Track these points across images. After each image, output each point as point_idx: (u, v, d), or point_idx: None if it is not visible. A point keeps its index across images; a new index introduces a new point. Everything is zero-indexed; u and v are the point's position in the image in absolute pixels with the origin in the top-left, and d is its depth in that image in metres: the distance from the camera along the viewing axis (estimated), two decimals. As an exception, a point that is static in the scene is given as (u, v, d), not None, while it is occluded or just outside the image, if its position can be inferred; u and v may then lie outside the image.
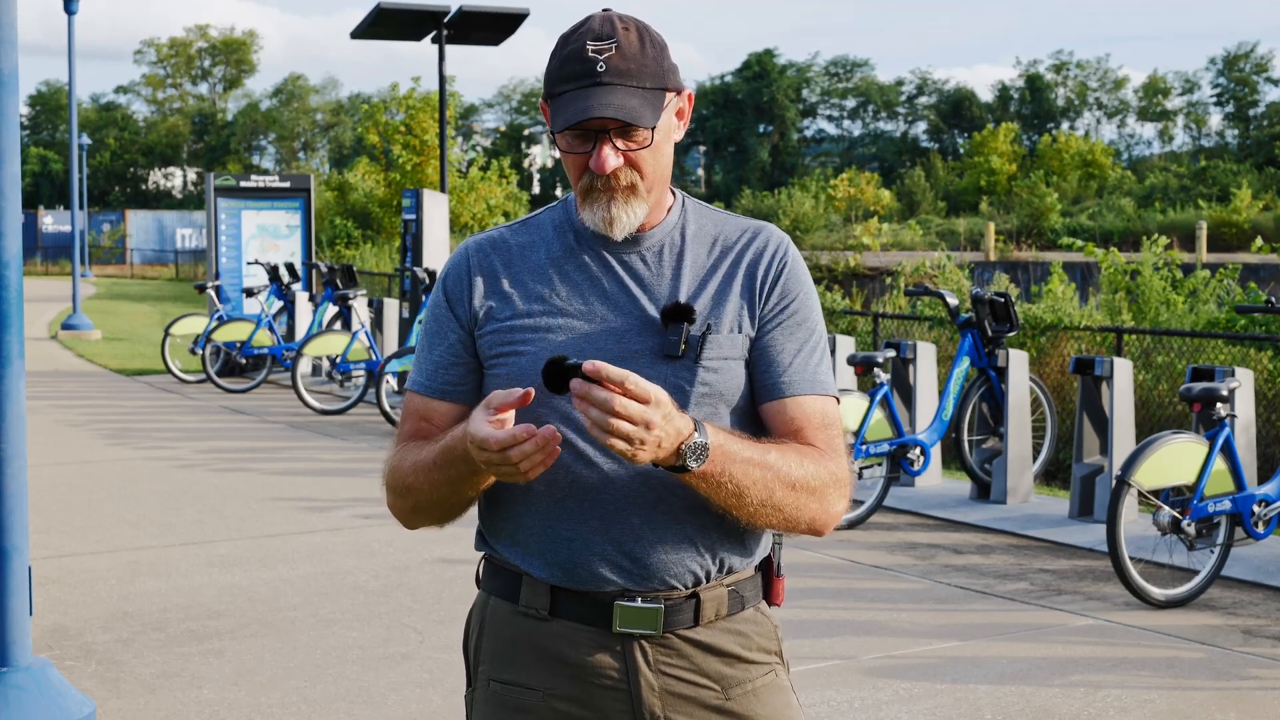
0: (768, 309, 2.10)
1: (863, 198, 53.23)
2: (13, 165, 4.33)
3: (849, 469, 2.11)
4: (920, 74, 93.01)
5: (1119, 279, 12.99)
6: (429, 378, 2.15)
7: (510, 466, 1.88)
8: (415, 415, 2.16)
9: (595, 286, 2.09)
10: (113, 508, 8.62)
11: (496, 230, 2.20)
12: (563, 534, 2.06)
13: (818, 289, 14.31)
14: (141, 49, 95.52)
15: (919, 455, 8.37)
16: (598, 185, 2.04)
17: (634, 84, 2.01)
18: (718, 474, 1.94)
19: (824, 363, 2.14)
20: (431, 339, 2.16)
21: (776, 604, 2.18)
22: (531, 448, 1.86)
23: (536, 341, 2.07)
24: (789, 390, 2.09)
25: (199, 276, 42.37)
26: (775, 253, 2.13)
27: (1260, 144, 75.33)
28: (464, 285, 2.14)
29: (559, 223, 2.16)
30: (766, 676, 2.14)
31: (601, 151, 2.02)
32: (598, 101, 1.99)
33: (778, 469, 1.99)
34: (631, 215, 2.05)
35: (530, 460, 1.87)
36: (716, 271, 2.11)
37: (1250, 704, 5.05)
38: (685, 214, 2.16)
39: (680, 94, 2.10)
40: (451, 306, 2.14)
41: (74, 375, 16.95)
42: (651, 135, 2.04)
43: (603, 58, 2.00)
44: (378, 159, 32.32)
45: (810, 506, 2.04)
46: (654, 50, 2.05)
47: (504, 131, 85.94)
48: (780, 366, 2.09)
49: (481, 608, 2.19)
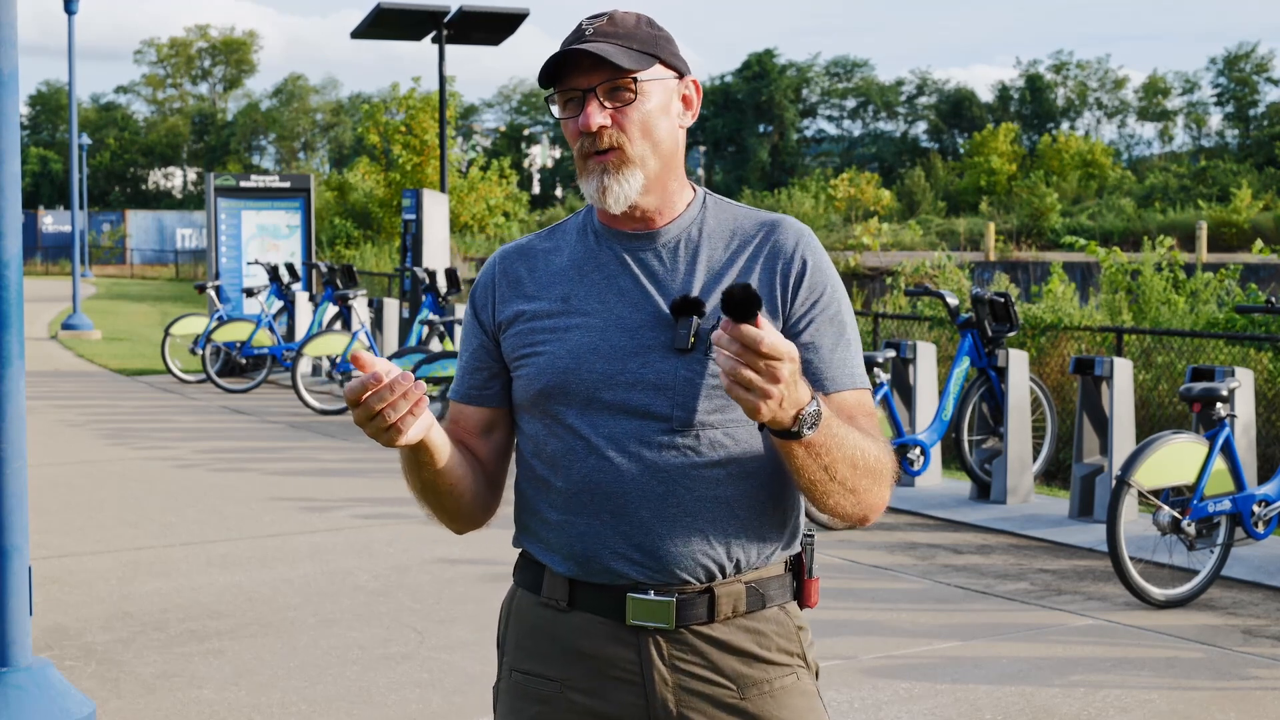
0: (797, 305, 2.09)
1: (863, 198, 53.23)
2: (13, 165, 4.33)
3: (892, 454, 2.11)
4: (920, 74, 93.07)
5: (1120, 279, 12.99)
6: (459, 383, 2.24)
7: (374, 419, 1.89)
8: (450, 420, 2.23)
9: (612, 285, 2.11)
10: (113, 508, 8.62)
11: (526, 238, 2.25)
12: (578, 528, 2.08)
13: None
14: (141, 49, 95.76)
15: (919, 455, 8.37)
16: (586, 147, 2.06)
17: (619, 43, 2.05)
18: (820, 444, 1.92)
19: (859, 354, 2.14)
20: (463, 346, 2.24)
21: (809, 605, 2.16)
22: (387, 392, 1.87)
23: (554, 341, 2.10)
24: (831, 386, 2.08)
25: (199, 276, 42.36)
26: (798, 246, 2.12)
27: (1260, 144, 75.32)
28: (488, 293, 2.20)
29: (581, 226, 2.19)
30: (787, 679, 2.12)
31: (587, 108, 2.05)
32: (578, 49, 2.04)
33: (860, 447, 1.99)
34: (625, 186, 2.06)
35: (394, 409, 1.88)
36: (733, 265, 2.10)
37: (1250, 704, 5.05)
38: (705, 210, 2.16)
39: (683, 79, 2.12)
40: (476, 314, 2.21)
41: (74, 375, 16.95)
42: (635, 88, 2.05)
43: (593, 26, 2.07)
44: (378, 159, 32.34)
45: (875, 491, 2.03)
46: (650, 29, 2.09)
47: (504, 131, 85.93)
48: (819, 362, 2.08)
49: (510, 599, 2.23)
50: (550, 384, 2.08)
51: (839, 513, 2.04)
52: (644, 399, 2.04)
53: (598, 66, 2.04)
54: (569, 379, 2.07)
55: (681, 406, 2.04)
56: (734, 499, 2.06)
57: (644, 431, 2.04)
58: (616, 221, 2.14)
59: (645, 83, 2.06)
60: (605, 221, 2.15)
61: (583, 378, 2.07)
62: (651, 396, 2.04)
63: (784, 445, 1.92)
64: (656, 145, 2.08)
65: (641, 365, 2.05)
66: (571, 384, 2.07)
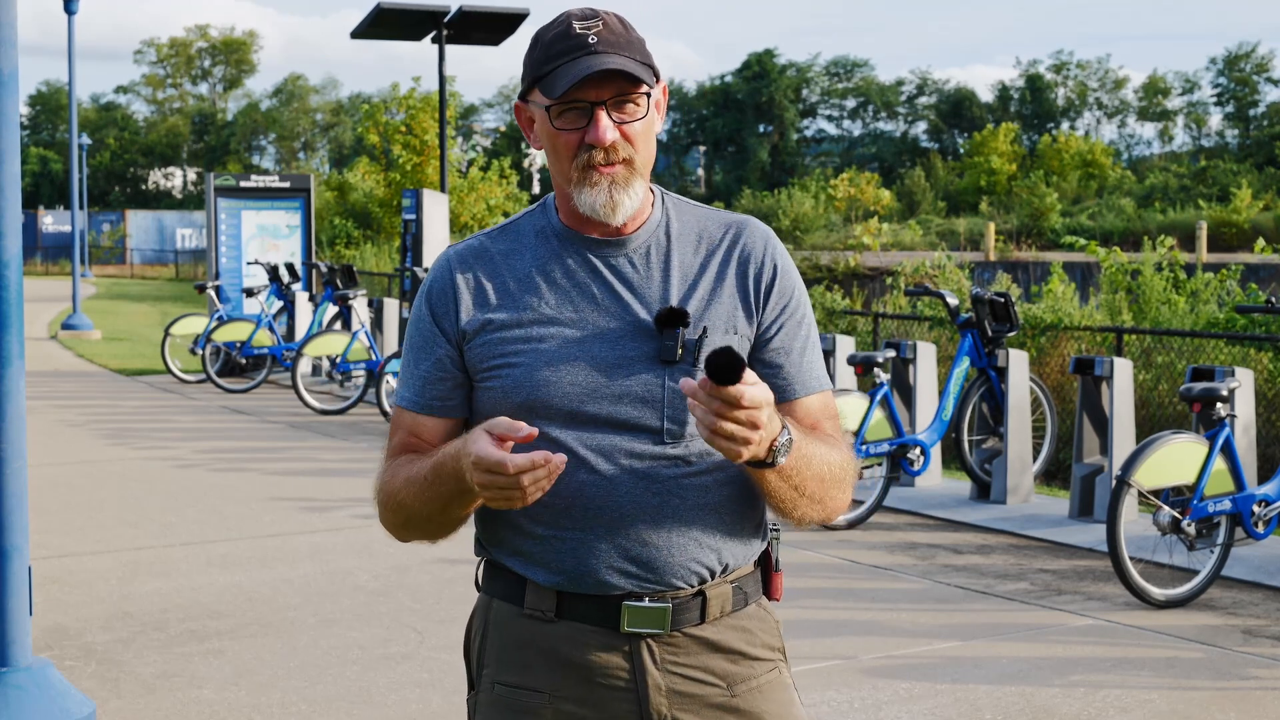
0: (768, 311, 2.11)
1: (863, 198, 53.21)
2: (13, 165, 4.33)
3: (854, 455, 2.14)
4: (920, 74, 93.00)
5: (1120, 279, 12.99)
6: (417, 393, 2.12)
7: (516, 491, 1.87)
8: (404, 430, 2.14)
9: (584, 292, 2.07)
10: (113, 508, 8.62)
11: (475, 239, 2.16)
12: (568, 543, 2.05)
13: (818, 289, 14.24)
14: (141, 49, 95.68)
15: (919, 455, 8.37)
16: (597, 161, 2.01)
17: (627, 54, 2.01)
18: (791, 468, 1.96)
19: (820, 355, 2.17)
20: (418, 354, 2.12)
21: (775, 599, 2.19)
22: (544, 474, 1.86)
23: (529, 353, 2.05)
24: (800, 390, 2.11)
25: (199, 276, 42.35)
26: (765, 251, 2.13)
27: (1260, 144, 75.28)
28: (449, 298, 2.10)
29: (540, 227, 2.13)
30: (771, 674, 2.14)
31: (600, 122, 1.99)
32: (599, 61, 1.98)
33: (826, 460, 2.03)
34: (631, 199, 2.04)
35: (537, 486, 1.88)
36: (705, 272, 2.10)
37: (1250, 704, 5.05)
38: (667, 211, 2.14)
39: (658, 85, 2.09)
40: (437, 321, 2.10)
41: (74, 375, 16.95)
42: (648, 105, 2.03)
43: (592, 32, 2.00)
44: (378, 159, 32.32)
45: (838, 497, 2.08)
46: (637, 34, 2.06)
47: (504, 131, 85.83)
48: (789, 368, 2.11)
49: (484, 610, 2.17)
50: (531, 397, 2.03)
51: (805, 521, 2.08)
52: (631, 411, 2.03)
53: (609, 79, 1.99)
54: (550, 391, 2.03)
55: (672, 419, 2.03)
56: (721, 504, 2.07)
57: (634, 444, 2.03)
58: (584, 225, 2.09)
59: (649, 96, 2.04)
60: (570, 224, 2.10)
61: (565, 390, 2.03)
62: (639, 409, 2.03)
63: (757, 473, 1.96)
64: (651, 155, 2.08)
65: (626, 377, 2.03)
66: (553, 397, 2.03)
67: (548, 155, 2.07)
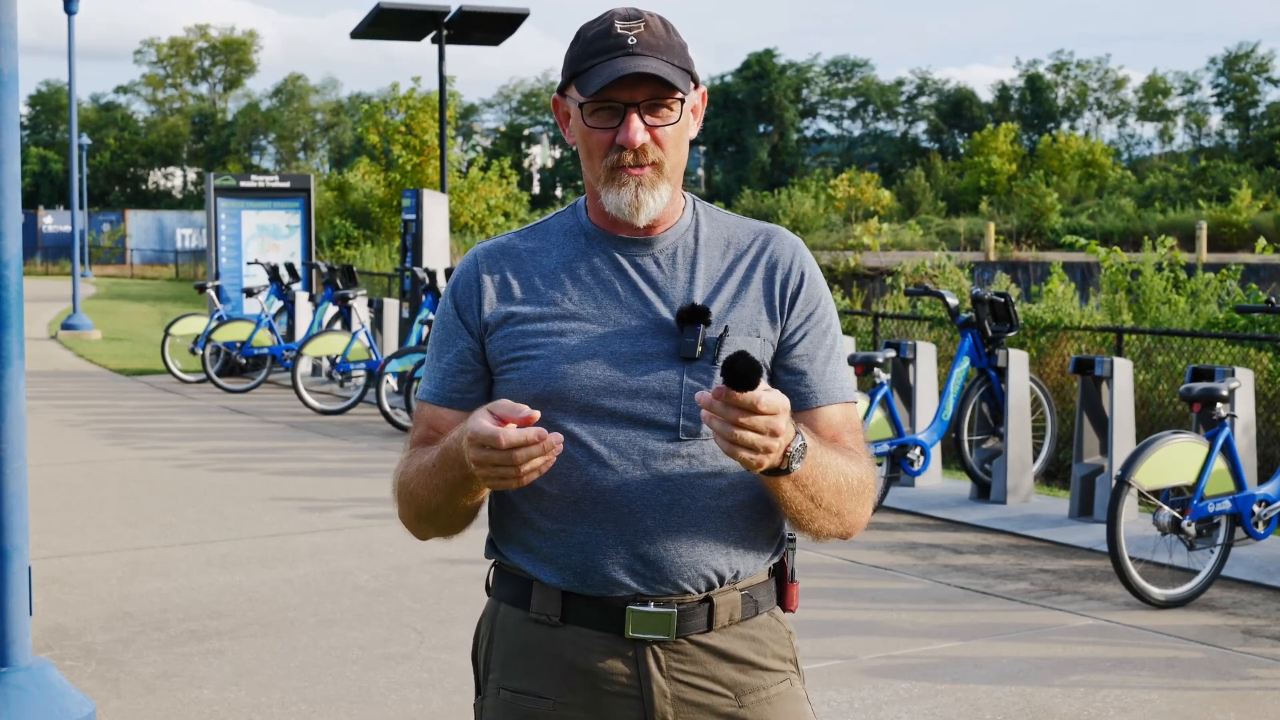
0: (793, 317, 2.11)
1: (863, 198, 53.20)
2: (13, 165, 4.33)
3: (875, 470, 2.12)
4: (920, 74, 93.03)
5: (1120, 279, 12.98)
6: (438, 385, 2.14)
7: (510, 468, 1.86)
8: (424, 423, 2.15)
9: (608, 289, 2.08)
10: (113, 508, 8.62)
11: (505, 236, 2.18)
12: (576, 537, 2.04)
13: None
14: (141, 49, 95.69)
15: (919, 455, 8.37)
16: (626, 162, 2.02)
17: (665, 58, 2.02)
18: (806, 477, 1.95)
19: (846, 366, 2.15)
20: (440, 346, 2.15)
21: (791, 610, 2.16)
22: (538, 451, 1.85)
23: (549, 345, 2.05)
24: (823, 399, 2.10)
25: (199, 276, 42.36)
26: (794, 259, 2.13)
27: (1260, 144, 75.30)
28: (473, 293, 2.12)
29: (569, 227, 2.14)
30: (781, 685, 2.12)
31: (631, 123, 2.01)
32: (634, 63, 1.98)
33: (844, 472, 2.01)
34: (657, 201, 2.04)
35: (532, 464, 1.87)
36: (731, 275, 2.10)
37: (1250, 704, 5.05)
38: (697, 216, 2.15)
39: (697, 89, 2.10)
40: (460, 314, 2.12)
41: (74, 375, 16.95)
42: (681, 110, 2.03)
43: (633, 33, 2.01)
44: (378, 159, 32.34)
45: (858, 511, 2.06)
46: (679, 39, 2.06)
47: (504, 132, 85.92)
48: (812, 376, 2.10)
49: (491, 615, 2.17)
50: (547, 389, 2.03)
51: (823, 534, 2.06)
52: (648, 407, 2.03)
53: (643, 81, 2.00)
54: (567, 384, 2.03)
55: (689, 416, 2.03)
56: (733, 509, 2.06)
57: (648, 440, 2.03)
58: (613, 225, 2.10)
59: (684, 101, 2.05)
60: (599, 223, 2.12)
61: (582, 383, 2.03)
62: (656, 405, 2.03)
63: (771, 481, 1.95)
64: (682, 159, 2.08)
65: (644, 373, 2.03)
66: (570, 389, 2.03)
67: (580, 152, 2.09)
